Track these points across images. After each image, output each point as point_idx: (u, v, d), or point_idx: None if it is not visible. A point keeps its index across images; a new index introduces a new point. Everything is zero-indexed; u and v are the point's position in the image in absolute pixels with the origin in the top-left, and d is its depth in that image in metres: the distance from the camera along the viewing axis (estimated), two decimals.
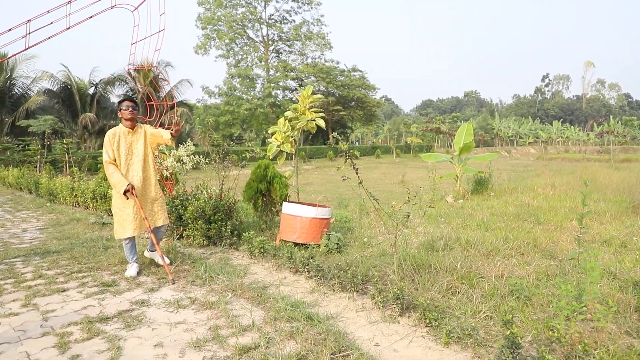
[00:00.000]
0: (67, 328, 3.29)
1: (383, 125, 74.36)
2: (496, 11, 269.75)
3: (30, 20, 5.10)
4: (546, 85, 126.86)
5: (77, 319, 3.44)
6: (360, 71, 48.73)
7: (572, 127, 78.05)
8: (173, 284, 4.29)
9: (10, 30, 4.96)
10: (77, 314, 3.58)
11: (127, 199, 4.47)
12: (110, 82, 34.78)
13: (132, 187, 4.45)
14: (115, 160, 4.54)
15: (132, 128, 4.68)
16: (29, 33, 5.07)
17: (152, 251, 5.07)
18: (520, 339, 2.64)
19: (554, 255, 4.78)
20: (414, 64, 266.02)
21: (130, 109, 4.61)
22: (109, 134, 4.55)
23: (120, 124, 4.72)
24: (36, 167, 18.19)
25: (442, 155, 11.37)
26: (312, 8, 46.82)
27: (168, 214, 6.13)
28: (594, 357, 2.52)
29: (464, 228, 6.28)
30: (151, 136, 4.77)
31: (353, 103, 48.24)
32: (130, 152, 4.63)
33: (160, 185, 5.18)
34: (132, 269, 4.64)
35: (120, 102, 4.71)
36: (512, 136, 72.34)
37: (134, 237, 4.69)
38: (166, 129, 5.29)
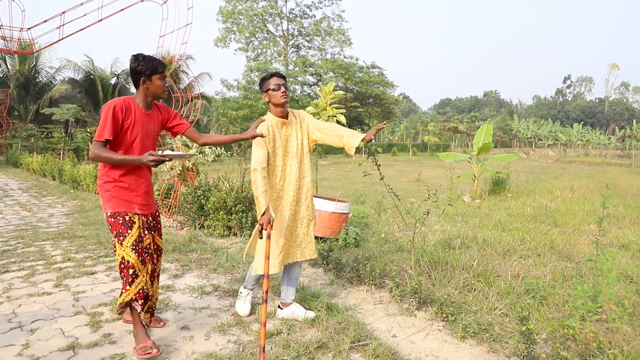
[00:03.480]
0: (98, 308, 3.46)
1: (400, 123, 74.05)
2: (517, 10, 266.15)
3: (65, 12, 5.27)
4: (568, 87, 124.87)
5: (107, 300, 3.61)
6: (379, 68, 48.49)
7: (593, 130, 76.79)
8: None
9: (46, 21, 5.14)
10: (106, 295, 3.75)
11: (260, 237, 2.97)
12: None
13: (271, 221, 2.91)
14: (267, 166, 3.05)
15: (286, 117, 3.20)
16: (63, 24, 5.23)
17: (284, 306, 3.38)
18: (536, 335, 2.72)
19: (570, 258, 4.81)
20: (433, 62, 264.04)
21: (283, 87, 3.09)
22: (263, 128, 3.05)
23: (268, 112, 3.21)
24: (59, 154, 18.61)
25: (461, 155, 11.37)
26: (332, 3, 46.73)
27: (190, 204, 6.31)
28: (607, 357, 2.58)
29: (480, 227, 6.32)
30: (318, 131, 3.23)
31: (371, 100, 48.09)
32: (286, 153, 3.16)
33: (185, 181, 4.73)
34: (244, 304, 3.36)
35: (264, 80, 3.14)
36: (530, 138, 71.53)
37: None
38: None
